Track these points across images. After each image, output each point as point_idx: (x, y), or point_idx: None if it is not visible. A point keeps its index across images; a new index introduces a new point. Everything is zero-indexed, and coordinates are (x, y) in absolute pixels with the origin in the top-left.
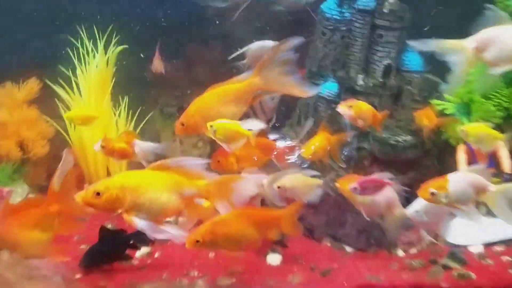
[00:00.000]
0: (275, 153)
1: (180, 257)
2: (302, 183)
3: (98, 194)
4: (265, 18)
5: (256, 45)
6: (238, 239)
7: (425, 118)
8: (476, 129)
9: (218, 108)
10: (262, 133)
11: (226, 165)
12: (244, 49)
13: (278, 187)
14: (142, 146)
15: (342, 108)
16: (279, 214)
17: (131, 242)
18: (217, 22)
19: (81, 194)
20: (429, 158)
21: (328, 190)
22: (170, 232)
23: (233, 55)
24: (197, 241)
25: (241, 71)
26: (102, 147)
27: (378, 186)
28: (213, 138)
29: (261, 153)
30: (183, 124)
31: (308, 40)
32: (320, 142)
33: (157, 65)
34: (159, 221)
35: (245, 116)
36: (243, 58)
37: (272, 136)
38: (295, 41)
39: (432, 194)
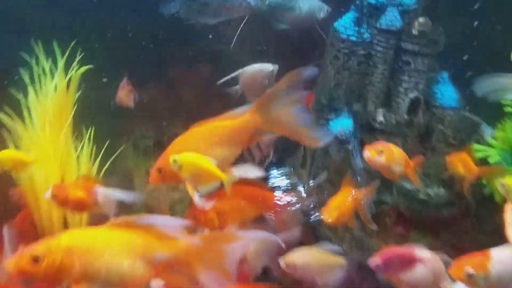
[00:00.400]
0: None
1: None
2: (319, 260)
3: (36, 260)
4: (265, 38)
5: (252, 69)
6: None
7: (462, 166)
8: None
9: (205, 150)
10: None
11: (204, 221)
12: (237, 72)
13: (286, 265)
14: (106, 195)
15: (370, 154)
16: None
17: None
18: (206, 41)
19: (14, 260)
20: (467, 217)
21: (352, 272)
22: None
23: (223, 80)
24: None
25: (232, 99)
26: (54, 196)
27: (408, 262)
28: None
29: (252, 206)
30: (160, 171)
31: (317, 65)
32: (344, 201)
33: (123, 97)
34: None
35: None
36: (236, 83)
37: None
38: (307, 72)
39: (469, 276)
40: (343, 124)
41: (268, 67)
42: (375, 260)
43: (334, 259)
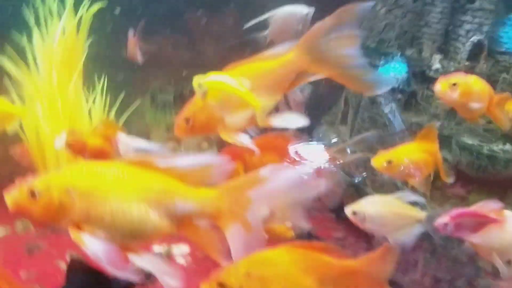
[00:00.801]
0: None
1: None
2: (395, 212)
3: (33, 195)
4: None
5: (283, 12)
6: None
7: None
8: None
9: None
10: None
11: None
12: (266, 15)
13: (354, 213)
14: (129, 143)
15: (441, 87)
16: (357, 265)
17: None
18: None
19: (12, 193)
20: None
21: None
22: (149, 270)
23: (251, 23)
24: (221, 285)
25: (260, 47)
26: (69, 144)
27: (481, 222)
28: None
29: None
30: (188, 121)
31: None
32: (405, 152)
33: (132, 51)
34: (130, 248)
35: None
36: (265, 28)
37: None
38: (363, 7)
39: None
40: (395, 70)
41: (302, 9)
42: (443, 220)
43: (413, 213)
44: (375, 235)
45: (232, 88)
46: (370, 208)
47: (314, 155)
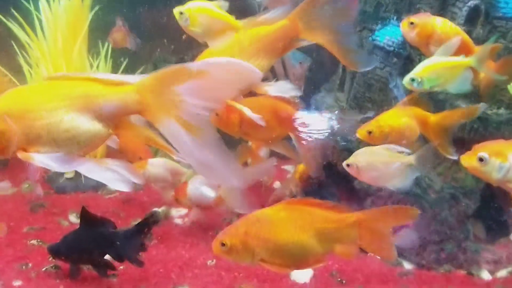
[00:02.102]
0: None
1: (166, 264)
2: (385, 160)
3: None
4: None
5: None
6: (287, 249)
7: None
8: None
9: (245, 60)
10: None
11: (225, 123)
12: None
13: (348, 166)
14: None
15: (402, 26)
16: (360, 217)
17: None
18: None
19: None
20: None
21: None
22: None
23: None
24: (223, 245)
25: (255, 13)
26: None
27: None
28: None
29: (278, 124)
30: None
31: None
32: (392, 120)
33: (118, 39)
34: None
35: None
36: None
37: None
38: None
39: (481, 160)
40: (391, 34)
41: None
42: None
43: (402, 159)
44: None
45: (213, 12)
46: (361, 159)
47: (309, 121)
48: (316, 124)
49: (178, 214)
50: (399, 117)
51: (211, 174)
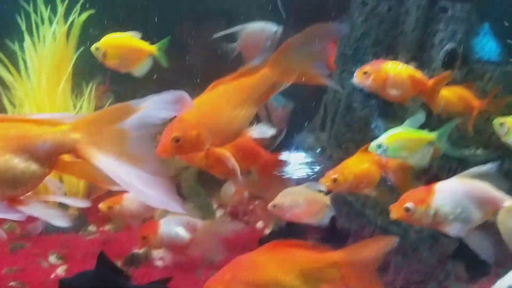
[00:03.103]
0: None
1: None
2: (306, 200)
3: None
4: None
5: (253, 27)
6: None
7: (458, 101)
8: None
9: (229, 112)
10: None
11: (191, 155)
12: (236, 28)
13: (274, 206)
14: None
15: (356, 77)
16: (341, 256)
17: None
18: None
19: None
20: (509, 180)
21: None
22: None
23: (220, 34)
24: None
25: (228, 57)
26: None
27: None
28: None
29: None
30: (178, 140)
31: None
32: (354, 167)
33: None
34: (15, 200)
35: None
36: (234, 40)
37: None
38: (336, 28)
39: (407, 210)
40: None
41: (272, 27)
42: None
43: (321, 198)
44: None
45: (126, 43)
46: (286, 198)
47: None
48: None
49: (159, 256)
50: (362, 163)
51: (153, 202)
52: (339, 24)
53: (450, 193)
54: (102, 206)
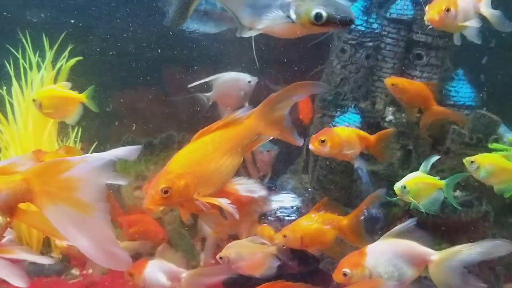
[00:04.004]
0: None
1: None
2: (251, 251)
3: None
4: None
5: (228, 77)
6: None
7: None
8: (490, 161)
9: (216, 161)
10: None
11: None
12: (211, 78)
13: (220, 258)
14: None
15: (313, 146)
16: None
17: None
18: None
19: None
20: (486, 222)
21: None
22: None
23: (195, 84)
24: None
25: (203, 106)
26: None
27: None
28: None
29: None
30: (166, 192)
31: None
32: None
33: None
34: None
35: None
36: (209, 89)
37: None
38: (316, 87)
39: (346, 275)
40: (349, 120)
41: (246, 77)
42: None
43: (266, 249)
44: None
45: (58, 93)
46: (232, 251)
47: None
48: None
49: None
50: (312, 223)
51: (96, 258)
52: (319, 84)
53: (381, 254)
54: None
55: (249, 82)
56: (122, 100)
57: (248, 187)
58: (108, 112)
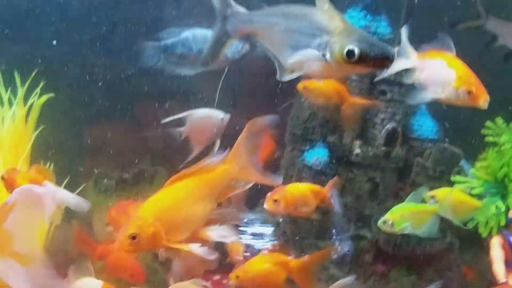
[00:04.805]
0: None
1: None
2: None
3: None
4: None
5: (201, 113)
6: None
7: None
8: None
9: (187, 208)
10: None
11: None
12: (184, 114)
13: None
14: (52, 191)
15: (268, 206)
16: None
17: None
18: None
19: None
20: (451, 253)
21: None
22: None
23: (169, 119)
24: None
25: (175, 141)
26: (2, 177)
27: None
28: None
29: None
30: (134, 238)
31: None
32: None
33: None
34: None
35: None
36: (182, 124)
37: None
38: (268, 120)
39: None
40: (318, 154)
41: (218, 114)
42: None
43: None
44: None
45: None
46: None
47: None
48: None
49: None
50: (263, 263)
51: None
52: (271, 116)
53: None
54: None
55: (222, 118)
56: (94, 134)
57: (220, 233)
58: (81, 146)
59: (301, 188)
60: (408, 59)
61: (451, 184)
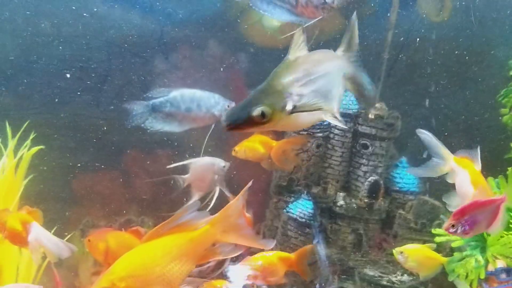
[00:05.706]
0: None
1: None
2: None
3: None
4: None
5: (204, 161)
6: None
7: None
8: (416, 253)
9: (162, 266)
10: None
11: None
12: (188, 161)
13: None
14: (38, 235)
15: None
16: None
17: None
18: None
19: None
20: None
21: None
22: None
23: (173, 166)
24: None
25: (178, 187)
26: None
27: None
28: None
29: None
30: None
31: None
32: None
33: None
34: None
35: None
36: (186, 172)
37: None
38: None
39: None
40: (303, 206)
41: (220, 162)
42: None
43: None
44: None
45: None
46: None
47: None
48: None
49: None
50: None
51: None
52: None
53: None
54: None
55: (224, 166)
56: (82, 183)
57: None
58: (69, 195)
59: (269, 258)
60: (446, 163)
61: (432, 236)
